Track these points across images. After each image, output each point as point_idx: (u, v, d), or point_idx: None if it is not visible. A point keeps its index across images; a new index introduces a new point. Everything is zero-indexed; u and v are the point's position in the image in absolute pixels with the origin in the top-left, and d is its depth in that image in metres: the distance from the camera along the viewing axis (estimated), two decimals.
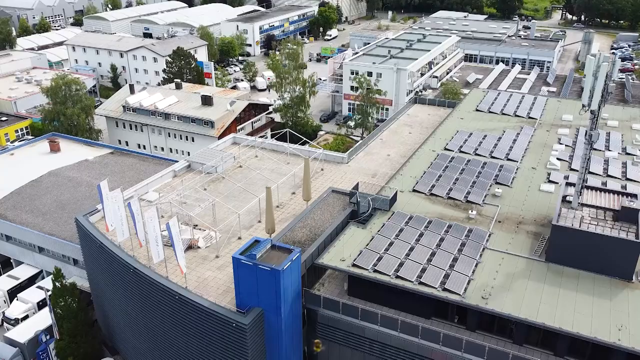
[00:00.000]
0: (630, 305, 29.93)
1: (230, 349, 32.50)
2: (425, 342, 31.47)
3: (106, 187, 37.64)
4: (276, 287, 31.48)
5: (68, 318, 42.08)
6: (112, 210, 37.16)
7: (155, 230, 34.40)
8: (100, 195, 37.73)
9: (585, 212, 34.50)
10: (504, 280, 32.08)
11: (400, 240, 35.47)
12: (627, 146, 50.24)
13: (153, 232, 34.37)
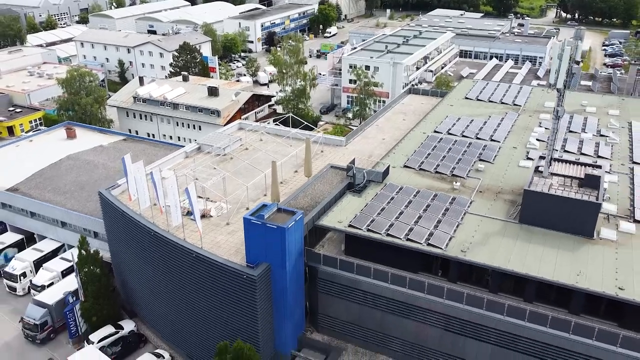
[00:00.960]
0: (589, 257, 34.46)
1: (242, 300, 36.95)
2: (412, 291, 35.97)
3: (129, 160, 42.20)
4: (282, 244, 35.95)
5: (92, 282, 46.49)
6: (135, 181, 41.66)
7: (174, 196, 38.94)
8: (124, 168, 42.31)
9: (554, 180, 39.06)
10: (481, 238, 36.63)
11: (391, 206, 40.00)
12: (602, 129, 54.76)
13: (173, 198, 38.90)
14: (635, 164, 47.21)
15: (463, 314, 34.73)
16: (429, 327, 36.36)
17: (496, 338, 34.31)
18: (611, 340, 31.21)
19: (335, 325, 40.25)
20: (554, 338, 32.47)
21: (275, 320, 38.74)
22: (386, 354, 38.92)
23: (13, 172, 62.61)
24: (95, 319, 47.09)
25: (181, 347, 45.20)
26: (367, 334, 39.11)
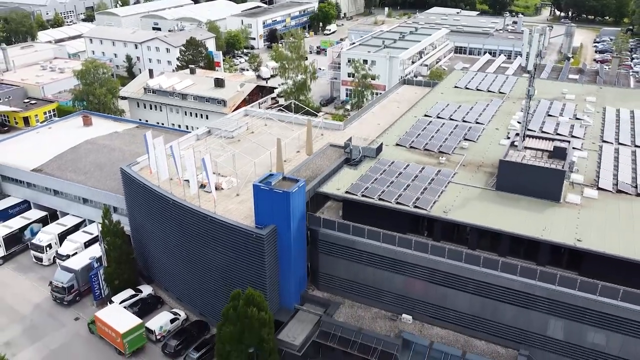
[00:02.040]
0: (554, 216, 39.56)
1: (251, 258, 41.99)
2: (401, 248, 41.03)
3: (150, 136, 47.32)
4: (286, 207, 41.00)
5: (114, 249, 51.57)
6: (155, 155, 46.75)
7: (192, 167, 44.04)
8: (146, 143, 47.43)
9: (527, 153, 44.19)
10: (461, 202, 41.72)
11: (383, 177, 45.09)
12: (578, 113, 59.85)
13: (190, 169, 44.01)
14: (605, 142, 52.32)
15: (445, 267, 39.80)
16: (416, 280, 41.42)
17: (473, 287, 39.39)
18: (571, 284, 36.26)
19: (333, 282, 45.32)
20: (523, 285, 37.53)
21: (281, 277, 43.77)
22: (379, 307, 43.97)
23: (36, 155, 67.61)
24: (117, 283, 52.19)
25: (195, 306, 50.36)
26: (361, 289, 44.17)
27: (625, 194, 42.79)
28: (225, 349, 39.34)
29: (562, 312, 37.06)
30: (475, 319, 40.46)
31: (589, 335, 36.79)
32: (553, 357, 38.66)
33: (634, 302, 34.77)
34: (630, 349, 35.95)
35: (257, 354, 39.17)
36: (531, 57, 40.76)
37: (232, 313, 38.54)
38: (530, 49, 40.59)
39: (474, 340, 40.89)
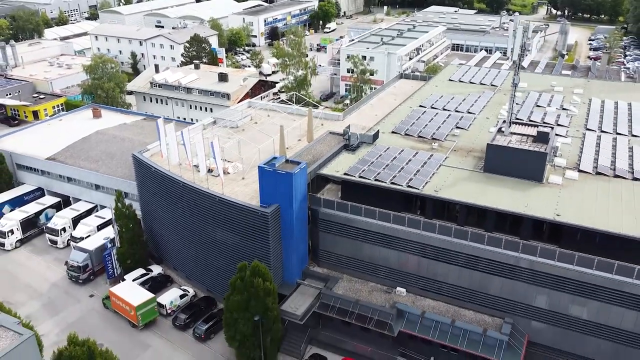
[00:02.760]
0: (537, 195, 42.79)
1: (256, 234, 45.23)
2: (395, 225, 44.26)
3: (162, 123, 50.58)
4: (289, 187, 44.20)
5: (127, 230, 54.87)
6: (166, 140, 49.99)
7: (201, 151, 47.29)
8: (158, 129, 50.68)
9: (513, 138, 47.44)
10: (451, 182, 44.98)
11: (379, 160, 48.33)
12: (565, 104, 63.10)
13: (200, 152, 47.27)
14: (588, 130, 55.56)
15: (436, 242, 43.03)
16: (409, 255, 44.65)
17: (462, 260, 42.63)
18: (550, 256, 39.48)
19: (333, 259, 48.56)
20: (507, 257, 40.78)
21: (284, 254, 47.00)
22: (375, 281, 47.22)
23: (48, 145, 70.84)
24: (129, 262, 55.46)
25: (202, 283, 53.66)
26: (359, 265, 47.41)
27: (603, 176, 46.04)
28: (232, 317, 42.60)
29: (542, 281, 40.28)
30: (463, 290, 43.71)
31: (567, 302, 39.99)
32: (535, 324, 41.89)
33: (607, 270, 37.98)
34: (605, 315, 39.17)
35: (262, 322, 42.39)
36: (516, 48, 44.03)
37: (239, 283, 41.79)
38: (515, 41, 43.88)
39: (462, 310, 44.13)
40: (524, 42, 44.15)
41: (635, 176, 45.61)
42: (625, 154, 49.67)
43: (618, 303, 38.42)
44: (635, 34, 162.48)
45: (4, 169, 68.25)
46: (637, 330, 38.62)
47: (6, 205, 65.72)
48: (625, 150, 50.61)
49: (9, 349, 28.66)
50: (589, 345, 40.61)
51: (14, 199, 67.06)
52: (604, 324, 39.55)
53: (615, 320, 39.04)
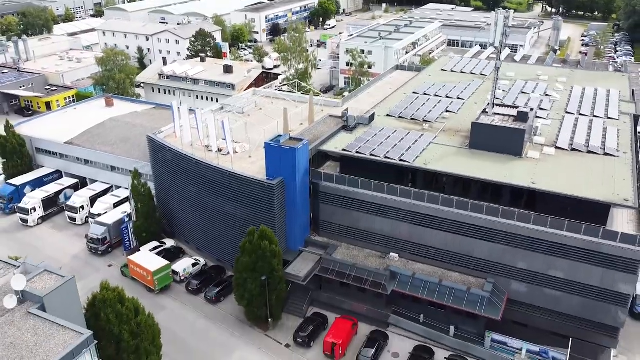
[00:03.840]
0: (516, 167, 47.51)
1: (263, 205, 49.95)
2: (388, 195, 48.95)
3: (176, 105, 55.28)
4: (293, 162, 48.89)
5: (143, 205, 59.55)
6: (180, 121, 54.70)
7: (212, 129, 52.00)
8: (172, 111, 55.38)
9: (496, 117, 52.18)
10: (439, 157, 49.70)
11: (374, 139, 53.06)
12: (548, 91, 67.80)
13: (213, 131, 52.00)
14: (567, 113, 60.26)
15: (425, 210, 47.70)
16: (401, 223, 49.33)
17: (447, 226, 47.30)
18: (526, 219, 44.16)
19: (332, 228, 53.23)
20: (488, 222, 45.44)
21: (288, 224, 51.68)
22: (370, 248, 51.92)
23: (65, 131, 75.41)
24: (144, 235, 60.17)
25: (212, 253, 58.43)
26: (356, 233, 52.09)
27: (578, 152, 50.76)
28: (242, 277, 47.35)
29: (520, 243, 44.93)
30: (450, 253, 48.41)
31: (541, 262, 44.64)
32: (514, 283, 46.57)
33: (576, 231, 42.66)
34: (574, 272, 43.82)
35: (268, 282, 47.11)
36: (497, 34, 48.76)
37: (248, 246, 46.53)
38: (497, 27, 48.61)
39: (449, 273, 48.81)
40: (505, 30, 48.84)
41: (606, 152, 50.32)
42: (599, 134, 54.37)
43: (586, 261, 43.08)
44: (626, 30, 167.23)
45: (25, 153, 72.97)
46: (603, 286, 43.29)
47: (27, 186, 70.38)
48: (600, 130, 55.31)
49: (55, 287, 33.44)
50: (562, 301, 45.27)
51: (34, 180, 71.76)
52: (574, 280, 44.22)
53: (583, 277, 43.71)
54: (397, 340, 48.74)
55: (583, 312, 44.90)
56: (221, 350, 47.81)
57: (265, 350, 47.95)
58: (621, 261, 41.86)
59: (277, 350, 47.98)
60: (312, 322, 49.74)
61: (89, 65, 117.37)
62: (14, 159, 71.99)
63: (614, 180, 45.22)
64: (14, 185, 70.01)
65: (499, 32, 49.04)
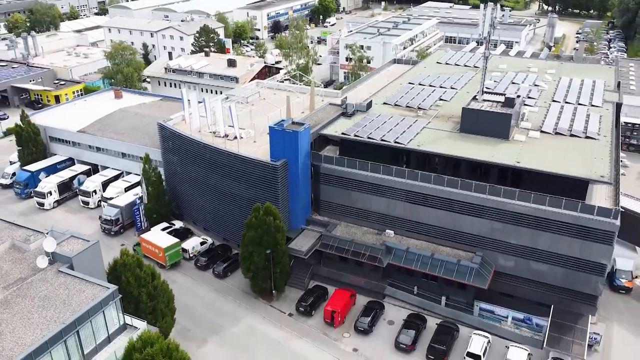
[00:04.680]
0: (502, 148, 51.09)
1: (267, 185, 53.54)
2: (384, 175, 52.50)
3: (185, 92, 58.89)
4: (295, 144, 52.47)
5: (153, 188, 63.16)
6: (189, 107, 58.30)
7: (220, 114, 55.62)
8: (182, 98, 58.98)
9: (485, 103, 55.79)
10: (432, 140, 53.31)
11: (371, 124, 56.67)
12: (537, 81, 71.40)
13: (220, 115, 55.61)
14: (554, 101, 63.84)
15: (418, 189, 51.25)
16: (396, 201, 52.89)
17: (439, 203, 50.86)
18: (511, 195, 47.69)
19: (332, 208, 56.80)
20: (476, 198, 48.98)
21: (290, 203, 55.26)
22: (367, 225, 55.48)
23: (76, 121, 79.07)
24: (155, 216, 63.78)
25: (219, 232, 62.07)
26: (354, 212, 55.64)
27: (561, 135, 54.36)
28: (248, 250, 50.97)
29: (506, 218, 48.47)
30: (441, 229, 51.95)
31: (526, 235, 48.13)
32: (500, 256, 50.11)
33: (557, 206, 46.21)
34: (556, 244, 47.33)
35: (272, 255, 50.72)
36: (486, 26, 52.40)
37: (254, 221, 50.14)
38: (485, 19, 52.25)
39: (441, 247, 52.31)
40: (493, 22, 52.47)
41: (588, 135, 53.93)
42: (582, 119, 57.95)
43: (566, 234, 46.64)
44: (620, 27, 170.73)
45: (39, 141, 76.60)
46: (582, 257, 46.81)
47: (42, 172, 74.00)
48: (583, 116, 58.89)
49: (81, 249, 37.06)
50: (545, 272, 48.80)
51: (47, 167, 75.38)
52: (555, 252, 47.76)
53: (564, 249, 47.25)
54: (393, 309, 52.39)
55: (564, 282, 48.43)
56: (229, 319, 51.42)
57: (270, 318, 51.58)
58: (598, 233, 45.42)
59: (281, 318, 51.62)
60: (313, 293, 53.40)
61: (96, 60, 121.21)
62: (29, 146, 75.58)
63: (593, 160, 48.85)
64: (29, 172, 73.64)
65: (486, 24, 52.68)
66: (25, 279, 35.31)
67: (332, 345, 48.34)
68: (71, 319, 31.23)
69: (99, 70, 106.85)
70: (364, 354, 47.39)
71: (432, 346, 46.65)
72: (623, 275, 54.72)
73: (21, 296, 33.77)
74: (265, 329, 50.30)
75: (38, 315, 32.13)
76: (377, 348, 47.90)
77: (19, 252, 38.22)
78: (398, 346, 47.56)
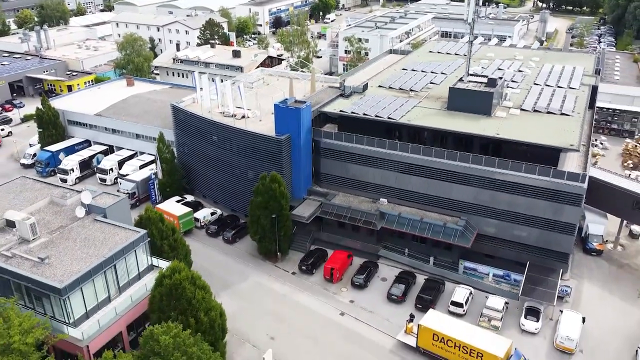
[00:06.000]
0: (485, 123, 56.70)
1: (273, 157, 59.13)
2: (379, 148, 58.09)
3: (197, 74, 64.49)
4: (298, 121, 58.06)
5: (167, 163, 68.73)
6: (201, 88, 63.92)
7: (229, 94, 61.24)
8: (194, 79, 64.58)
9: (470, 84, 61.42)
10: (422, 116, 58.93)
11: (367, 103, 62.28)
12: (522, 67, 77.01)
13: (230, 95, 61.21)
14: (535, 84, 69.40)
15: (409, 159, 56.81)
16: (389, 172, 58.47)
17: (427, 172, 56.45)
18: (492, 164, 53.24)
19: (331, 179, 62.34)
20: (459, 166, 54.54)
21: (293, 175, 60.84)
22: (363, 195, 61.03)
23: (92, 106, 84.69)
24: (168, 190, 69.38)
25: (227, 204, 67.71)
26: (351, 183, 61.19)
27: (539, 112, 59.96)
28: (256, 214, 56.58)
29: (487, 184, 54.07)
30: (430, 196, 57.50)
31: (505, 200, 53.72)
32: (483, 219, 55.67)
33: (532, 172, 51.77)
34: (532, 207, 52.92)
35: (277, 219, 56.31)
36: (470, 12, 58.09)
37: (261, 188, 55.76)
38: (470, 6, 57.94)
39: (429, 213, 57.92)
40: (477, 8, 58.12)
41: (563, 112, 59.54)
42: (560, 99, 63.50)
43: (541, 197, 52.22)
44: (610, 23, 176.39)
45: (59, 124, 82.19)
46: (554, 218, 52.38)
47: (61, 152, 79.60)
48: (560, 97, 64.45)
49: (112, 203, 42.67)
50: (522, 233, 54.35)
51: (66, 147, 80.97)
52: (531, 215, 53.35)
53: (539, 211, 52.83)
54: (386, 269, 58.03)
55: (539, 242, 54.02)
56: (238, 277, 57.04)
57: (275, 276, 57.22)
58: (568, 196, 51.02)
59: (285, 276, 57.25)
60: (314, 254, 59.06)
61: (105, 53, 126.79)
62: (49, 129, 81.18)
63: (565, 132, 54.48)
64: (49, 152, 79.25)
65: (471, 10, 58.31)
66: (65, 226, 40.89)
67: (332, 298, 54.00)
68: (109, 254, 36.81)
69: (110, 62, 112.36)
70: (360, 304, 53.04)
71: (420, 296, 52.36)
72: (595, 240, 60.32)
73: (65, 238, 39.36)
74: (271, 284, 55.94)
75: (81, 252, 37.71)
76: (371, 300, 53.56)
77: (57, 207, 43.81)
78: (390, 297, 53.22)
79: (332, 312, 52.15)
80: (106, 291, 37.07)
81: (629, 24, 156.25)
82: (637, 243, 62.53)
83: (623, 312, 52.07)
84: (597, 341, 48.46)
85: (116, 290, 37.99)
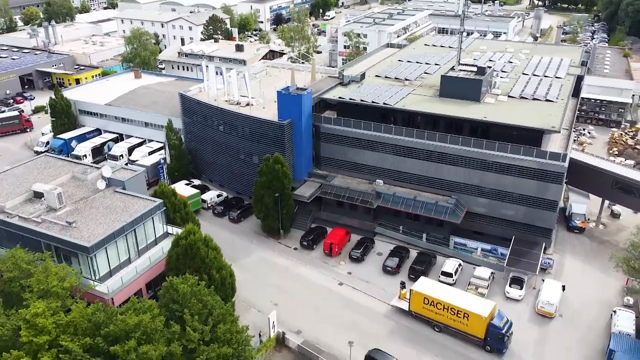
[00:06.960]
0: (474, 108, 60.69)
1: (276, 141, 63.11)
2: (375, 132, 62.07)
3: (204, 64, 68.46)
4: (299, 106, 62.04)
5: (175, 149, 72.70)
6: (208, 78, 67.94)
7: (234, 83, 65.21)
8: (202, 69, 68.52)
9: (460, 72, 65.39)
10: (416, 103, 62.91)
11: (364, 91, 66.27)
12: (512, 59, 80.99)
13: (235, 83, 65.19)
14: (524, 74, 73.37)
15: (403, 142, 60.80)
16: (385, 155, 62.46)
17: (420, 154, 60.42)
18: (480, 145, 57.26)
19: (331, 162, 66.32)
20: (449, 148, 58.52)
21: (295, 158, 64.82)
22: (361, 177, 65.01)
23: (102, 96, 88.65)
24: (176, 174, 73.35)
25: (232, 188, 71.76)
26: (349, 165, 65.16)
27: (525, 99, 63.96)
28: (260, 193, 60.58)
29: (475, 165, 58.02)
30: (423, 177, 61.49)
31: (493, 179, 57.67)
32: (471, 198, 59.68)
33: (517, 153, 55.76)
34: (518, 186, 56.90)
35: (280, 198, 60.30)
36: (461, 4, 62.04)
37: (265, 168, 59.76)
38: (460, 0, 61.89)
39: (422, 193, 61.90)
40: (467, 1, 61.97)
41: (548, 99, 63.53)
42: (545, 87, 67.46)
43: (525, 176, 56.22)
44: (604, 20, 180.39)
45: (71, 113, 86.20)
46: (537, 195, 56.38)
47: (74, 140, 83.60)
48: (546, 85, 68.44)
49: (130, 176, 46.68)
50: (508, 210, 58.37)
51: (78, 135, 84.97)
52: (517, 192, 57.33)
53: (524, 189, 56.82)
54: (382, 244, 62.06)
55: (524, 218, 58.04)
56: (243, 252, 61.03)
57: (278, 252, 61.23)
58: (550, 174, 55.02)
59: (287, 252, 61.27)
60: (314, 231, 63.06)
61: (111, 48, 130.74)
62: (62, 118, 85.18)
63: (548, 116, 58.47)
64: (62, 139, 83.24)
65: (461, 4, 62.39)
66: (88, 197, 44.89)
67: (331, 270, 58.03)
68: (130, 219, 40.82)
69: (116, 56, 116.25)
70: (357, 275, 57.07)
71: (413, 267, 56.42)
72: (578, 218, 64.35)
73: (88, 207, 43.36)
74: (274, 259, 59.97)
75: (104, 218, 41.71)
76: (368, 272, 57.60)
77: (79, 181, 47.81)
78: (385, 269, 57.26)
79: (332, 282, 56.17)
80: (127, 253, 41.08)
81: (622, 20, 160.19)
82: (618, 222, 66.54)
83: (602, 283, 56.06)
84: (576, 308, 52.47)
85: (136, 253, 41.98)
